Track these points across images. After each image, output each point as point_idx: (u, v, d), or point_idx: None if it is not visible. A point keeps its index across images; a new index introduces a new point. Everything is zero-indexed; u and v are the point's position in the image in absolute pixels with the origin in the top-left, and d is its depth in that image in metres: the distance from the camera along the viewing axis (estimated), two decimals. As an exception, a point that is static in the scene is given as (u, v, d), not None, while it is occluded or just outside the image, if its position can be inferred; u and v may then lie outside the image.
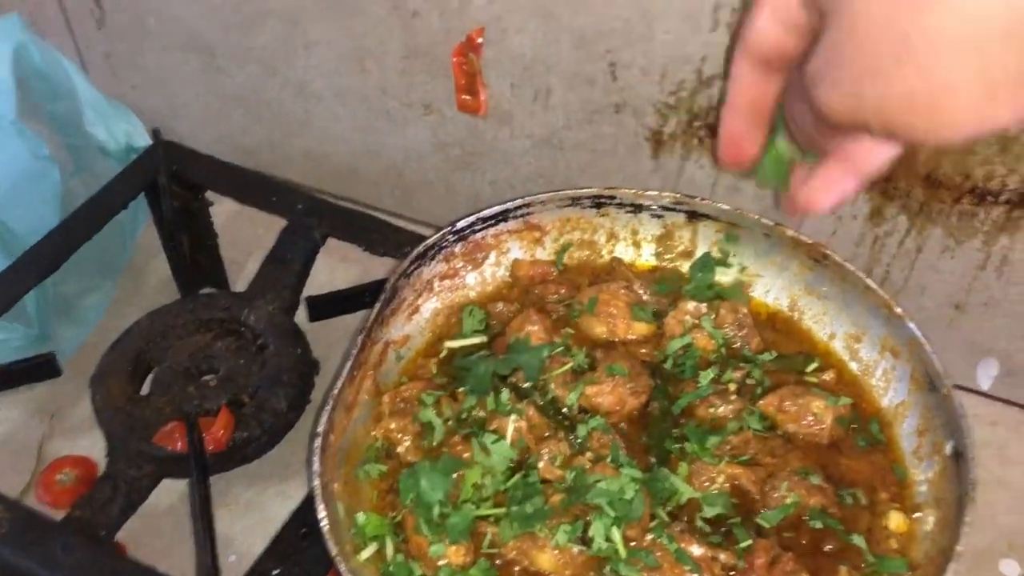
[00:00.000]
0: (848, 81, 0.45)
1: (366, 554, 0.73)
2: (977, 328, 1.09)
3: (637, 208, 0.92)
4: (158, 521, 1.02)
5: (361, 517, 0.74)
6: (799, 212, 0.57)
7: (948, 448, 0.74)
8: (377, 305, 0.81)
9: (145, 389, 0.98)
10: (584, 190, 0.91)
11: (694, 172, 1.11)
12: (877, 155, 0.53)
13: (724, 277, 0.92)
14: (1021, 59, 0.40)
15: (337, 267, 1.19)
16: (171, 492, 1.01)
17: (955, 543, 0.66)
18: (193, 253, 1.14)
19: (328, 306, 0.98)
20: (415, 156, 1.26)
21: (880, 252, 1.08)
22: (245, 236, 1.27)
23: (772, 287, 0.90)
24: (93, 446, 1.04)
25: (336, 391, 0.75)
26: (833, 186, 0.55)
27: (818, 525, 0.74)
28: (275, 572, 0.79)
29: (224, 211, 1.28)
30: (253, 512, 1.02)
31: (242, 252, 1.26)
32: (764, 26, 0.53)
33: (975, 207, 1.00)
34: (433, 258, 0.88)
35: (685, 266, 0.93)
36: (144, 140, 1.17)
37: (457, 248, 0.89)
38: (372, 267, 1.07)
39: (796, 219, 1.08)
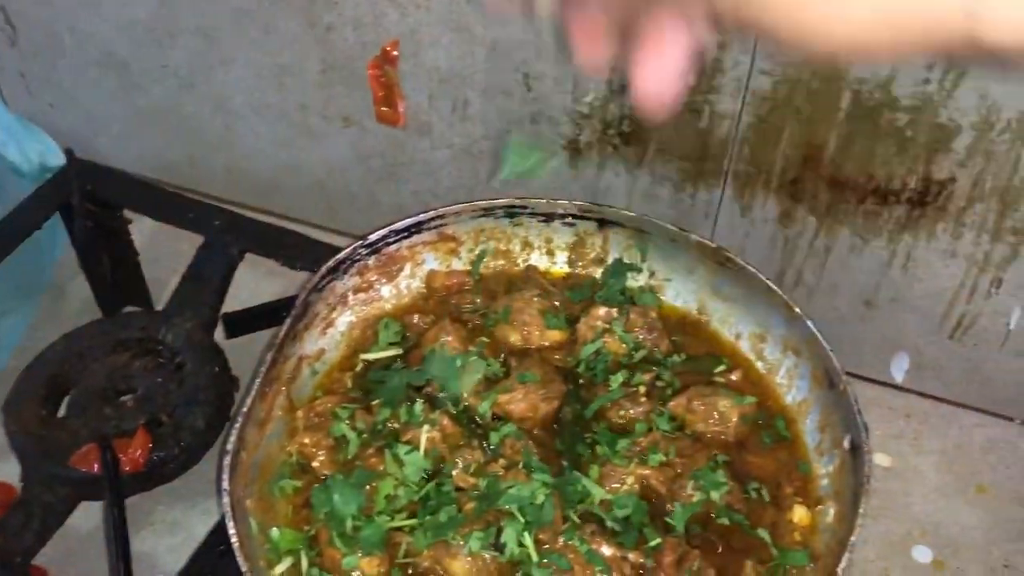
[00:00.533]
0: None
1: (280, 568, 0.73)
2: (887, 324, 1.13)
3: (549, 217, 0.93)
4: (81, 545, 1.00)
5: (275, 532, 0.75)
6: (652, 111, 0.51)
7: (846, 442, 0.76)
8: (287, 321, 0.81)
9: (63, 412, 0.97)
10: (497, 201, 0.92)
11: (611, 180, 1.13)
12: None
13: (635, 282, 0.94)
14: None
15: (262, 281, 1.19)
16: (94, 515, 1.00)
17: (851, 533, 0.68)
18: (114, 273, 1.13)
19: (245, 322, 0.98)
20: (338, 169, 1.27)
21: (792, 253, 1.11)
22: (168, 253, 1.26)
23: (681, 291, 0.93)
24: (8, 470, 1.03)
25: (245, 408, 0.75)
26: (659, 74, 0.47)
27: (725, 522, 0.75)
28: (193, 591, 0.79)
29: (146, 228, 1.27)
30: (178, 531, 1.01)
31: (165, 270, 1.25)
32: None
33: (879, 207, 1.03)
34: (346, 272, 0.88)
35: (598, 272, 0.95)
36: (59, 160, 1.16)
37: (371, 261, 0.90)
38: (296, 280, 1.07)
39: (709, 223, 1.11)
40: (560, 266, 0.96)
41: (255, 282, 1.18)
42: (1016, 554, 1.03)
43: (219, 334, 1.03)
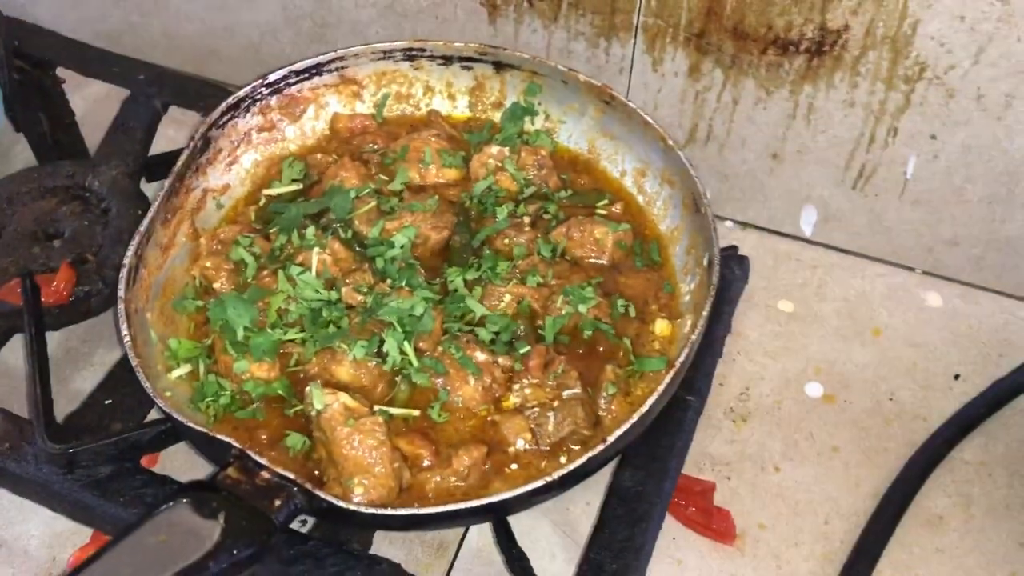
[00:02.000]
0: None
1: (178, 373, 0.80)
2: (794, 176, 1.17)
3: (447, 60, 0.97)
4: (22, 383, 1.07)
5: (174, 342, 0.81)
6: None
7: (705, 260, 0.81)
8: (186, 152, 0.86)
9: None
10: (395, 43, 0.96)
11: (529, 36, 1.16)
12: None
13: (532, 125, 0.98)
14: None
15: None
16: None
17: (692, 332, 0.74)
18: (53, 132, 1.17)
19: (165, 168, 1.02)
20: (269, 31, 1.29)
21: (702, 107, 1.15)
22: (111, 117, 1.30)
23: (573, 132, 0.97)
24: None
25: (142, 229, 0.80)
26: None
27: (590, 333, 0.81)
28: (107, 402, 0.86)
29: (91, 94, 1.31)
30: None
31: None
32: None
33: (780, 57, 1.06)
34: (248, 110, 0.92)
35: (497, 116, 0.99)
36: (-11, 19, 1.18)
37: (273, 101, 0.94)
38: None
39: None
40: (461, 110, 1.00)
41: (183, 140, 1.22)
42: (901, 389, 1.09)
43: (144, 184, 1.08)
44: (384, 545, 0.87)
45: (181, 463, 0.91)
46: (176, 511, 0.63)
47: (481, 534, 0.93)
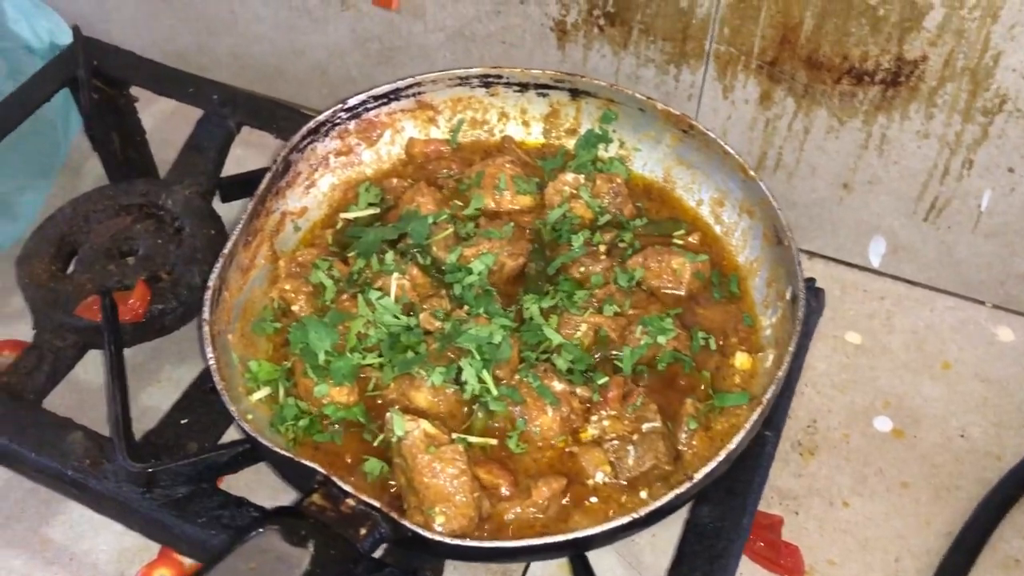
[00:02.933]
0: None
1: (259, 396, 0.80)
2: (864, 206, 1.16)
3: (523, 87, 0.97)
4: (92, 397, 1.09)
5: (254, 365, 0.82)
6: None
7: (788, 294, 0.81)
8: (268, 176, 0.87)
9: (71, 269, 1.04)
10: (472, 70, 0.96)
11: (598, 61, 1.16)
12: None
13: (606, 152, 0.98)
14: None
15: (263, 159, 1.24)
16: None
17: (779, 368, 0.73)
18: (124, 149, 1.19)
19: (239, 188, 1.04)
20: (337, 53, 1.31)
21: (772, 135, 1.14)
22: (179, 135, 1.32)
23: (648, 160, 0.97)
24: (29, 331, 1.11)
25: (226, 251, 0.81)
26: None
27: (668, 365, 0.81)
28: (183, 421, 0.86)
29: (159, 111, 1.33)
30: (183, 388, 1.08)
31: (175, 150, 1.31)
32: None
33: (854, 87, 1.06)
34: (327, 134, 0.93)
35: (571, 143, 0.99)
36: (68, 38, 1.21)
37: (351, 126, 0.94)
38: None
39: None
40: (535, 136, 1.00)
41: (257, 160, 1.23)
42: (972, 425, 1.08)
43: (218, 203, 1.09)
44: (450, 570, 0.87)
45: (241, 481, 0.92)
46: (266, 538, 0.63)
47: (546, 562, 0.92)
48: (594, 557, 0.79)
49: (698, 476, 0.69)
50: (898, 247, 1.18)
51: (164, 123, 1.34)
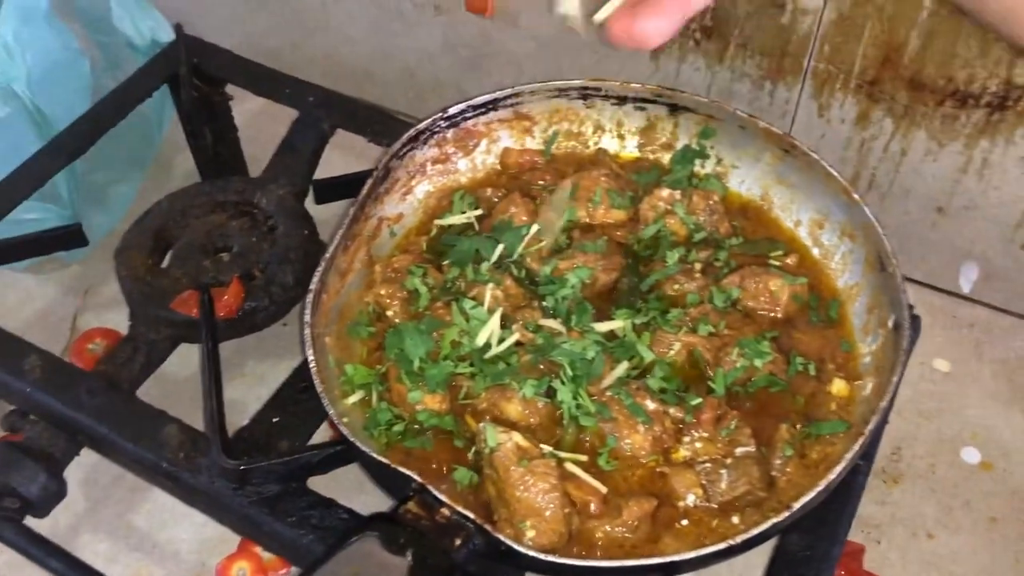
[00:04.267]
0: None
1: (353, 399, 0.81)
2: (958, 232, 1.13)
3: (621, 100, 0.97)
4: (178, 388, 1.11)
5: (350, 368, 0.82)
6: (623, 44, 0.57)
7: (891, 322, 0.79)
8: (369, 181, 0.87)
9: (166, 263, 1.07)
10: (571, 81, 0.96)
11: (691, 75, 1.15)
12: None
13: (702, 169, 0.97)
14: None
15: (352, 162, 1.26)
16: (191, 363, 1.10)
17: (882, 399, 0.72)
18: (216, 146, 1.21)
19: (333, 190, 1.06)
20: (427, 57, 1.32)
21: (867, 156, 1.12)
22: (267, 133, 1.34)
23: (746, 178, 0.95)
24: (122, 321, 1.13)
25: (328, 255, 0.82)
26: (662, 20, 0.53)
27: (765, 388, 0.80)
28: (275, 420, 0.88)
29: (248, 109, 1.36)
30: (266, 383, 1.10)
31: (263, 148, 1.33)
32: None
33: (957, 110, 1.03)
34: (426, 142, 0.94)
35: (666, 158, 0.98)
36: (168, 35, 1.24)
37: (449, 134, 0.95)
38: (380, 159, 1.14)
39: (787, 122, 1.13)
40: (630, 150, 1.00)
41: (345, 162, 1.25)
42: (1066, 462, 1.05)
43: (309, 203, 1.11)
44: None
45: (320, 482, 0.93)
46: (366, 543, 0.64)
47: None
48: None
49: (796, 506, 0.68)
50: (991, 274, 1.15)
51: (253, 120, 1.37)
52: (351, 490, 1.00)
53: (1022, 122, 1.00)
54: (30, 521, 0.87)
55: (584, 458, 0.78)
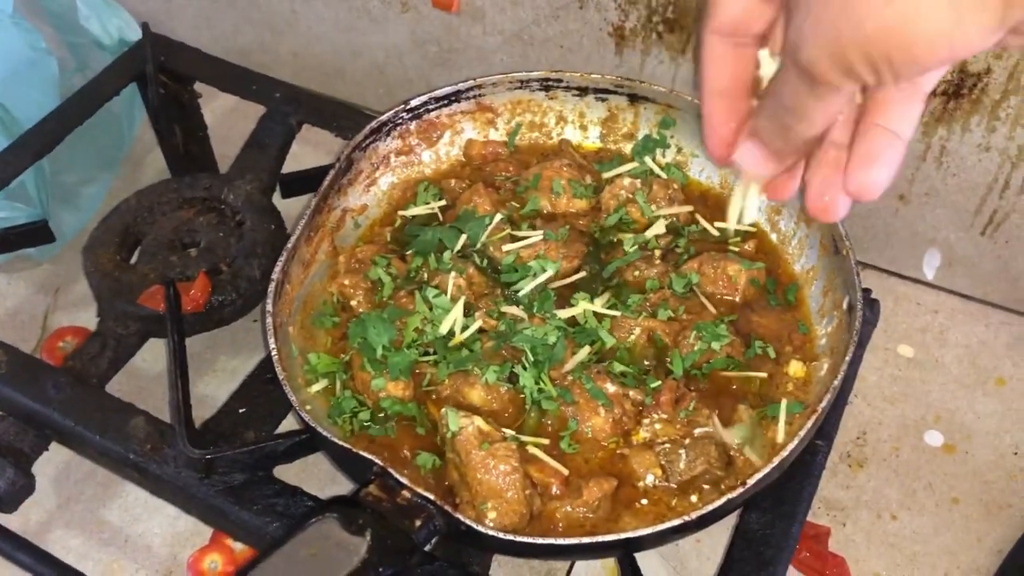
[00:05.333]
0: (831, 26, 0.45)
1: (317, 387, 0.82)
2: (920, 219, 1.15)
3: (583, 91, 0.98)
4: (150, 383, 1.12)
5: (314, 357, 0.83)
6: (828, 219, 0.56)
7: (845, 303, 0.80)
8: (331, 173, 0.88)
9: (134, 259, 1.07)
10: (532, 73, 0.97)
11: (655, 67, 1.17)
12: (901, 121, 0.51)
13: (663, 158, 0.98)
14: None
15: (321, 157, 1.26)
16: (163, 359, 1.11)
17: (835, 377, 0.73)
18: (186, 143, 1.22)
19: (299, 184, 1.06)
20: (395, 54, 1.33)
21: (828, 145, 1.14)
22: (237, 130, 1.35)
23: (705, 166, 0.97)
24: (92, 319, 1.14)
25: (290, 246, 0.83)
26: (835, 189, 0.53)
27: (723, 369, 0.81)
28: (241, 411, 0.88)
29: (219, 106, 1.36)
30: (237, 377, 1.10)
31: (234, 144, 1.33)
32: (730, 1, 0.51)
33: (914, 99, 1.05)
34: (388, 134, 0.95)
35: (628, 147, 0.99)
36: (136, 34, 1.24)
37: (412, 126, 0.96)
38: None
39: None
40: (592, 140, 1.01)
41: (315, 157, 1.26)
42: (1026, 443, 1.06)
43: (277, 198, 1.11)
44: (494, 568, 0.88)
45: (290, 472, 0.94)
46: (325, 525, 0.65)
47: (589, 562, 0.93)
48: (640, 562, 0.80)
49: (750, 482, 0.70)
50: (953, 260, 1.17)
51: (224, 118, 1.37)
52: (324, 480, 1.01)
53: (977, 110, 1.02)
54: (-1, 517, 0.87)
55: (546, 441, 0.79)
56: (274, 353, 0.77)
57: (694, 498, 0.75)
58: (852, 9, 0.44)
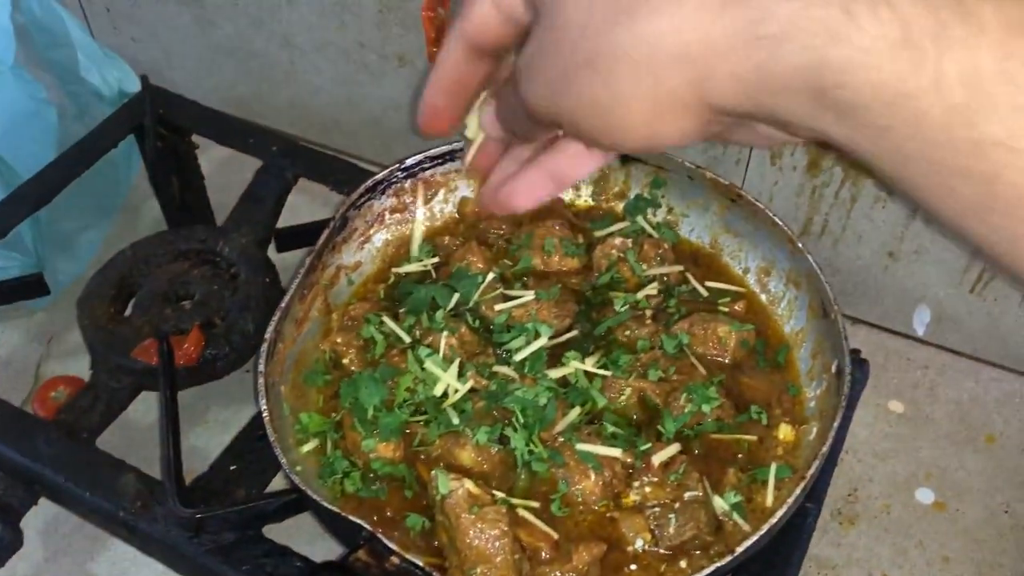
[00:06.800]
0: (548, 81, 0.46)
1: (308, 447, 0.82)
2: (910, 275, 1.16)
3: (575, 151, 0.99)
4: (142, 435, 1.12)
5: (305, 417, 0.84)
6: (492, 209, 0.58)
7: (834, 367, 0.81)
8: (326, 231, 0.89)
9: (128, 311, 1.08)
10: (526, 134, 0.98)
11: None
12: (579, 168, 0.53)
13: (654, 217, 0.99)
14: (687, 86, 0.42)
15: (317, 209, 1.27)
16: (155, 410, 1.11)
17: (824, 444, 0.73)
18: (182, 194, 1.23)
19: (295, 238, 1.07)
20: (393, 107, 1.34)
21: (819, 202, 1.15)
22: (234, 181, 1.36)
23: (696, 226, 0.98)
24: (85, 368, 1.14)
25: (283, 304, 0.84)
26: (533, 191, 0.55)
27: (713, 432, 0.82)
28: (232, 467, 0.88)
29: (216, 157, 1.37)
30: (229, 429, 1.10)
31: (230, 196, 1.34)
32: (484, 13, 0.50)
33: (902, 159, 1.06)
34: (383, 192, 0.96)
35: (620, 206, 1.01)
36: (136, 86, 1.26)
37: (407, 184, 0.97)
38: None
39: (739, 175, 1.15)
40: (584, 199, 1.02)
41: (310, 209, 1.27)
42: (1017, 501, 1.06)
43: (272, 252, 1.12)
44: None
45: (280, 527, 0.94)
46: (313, 593, 0.65)
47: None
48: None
49: (739, 550, 0.70)
50: (943, 317, 1.18)
51: (221, 168, 1.38)
52: (314, 536, 1.01)
53: (965, 170, 1.03)
54: (-15, 572, 0.87)
55: (536, 504, 0.79)
56: (265, 414, 0.77)
57: (683, 564, 0.75)
58: (572, 77, 0.45)
